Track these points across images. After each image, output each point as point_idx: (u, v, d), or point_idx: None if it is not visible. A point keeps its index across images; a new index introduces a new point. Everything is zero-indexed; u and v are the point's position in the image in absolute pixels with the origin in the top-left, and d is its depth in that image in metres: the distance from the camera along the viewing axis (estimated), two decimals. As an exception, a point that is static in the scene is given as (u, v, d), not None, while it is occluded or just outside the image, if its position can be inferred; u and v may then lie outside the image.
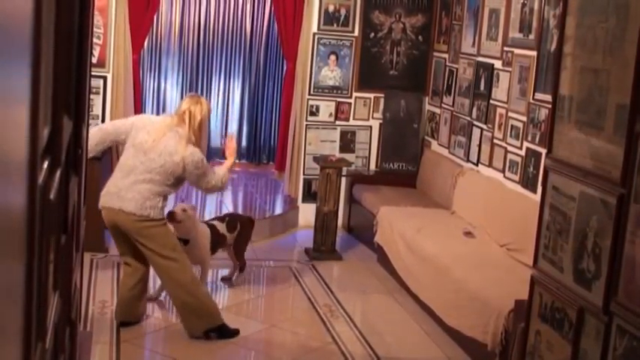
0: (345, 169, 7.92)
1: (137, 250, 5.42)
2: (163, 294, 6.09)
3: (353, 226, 8.45)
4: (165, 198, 5.34)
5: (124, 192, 5.26)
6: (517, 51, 6.73)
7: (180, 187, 5.60)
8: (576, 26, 3.49)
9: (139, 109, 8.60)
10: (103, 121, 8.09)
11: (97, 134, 5.46)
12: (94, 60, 7.75)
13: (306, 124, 8.60)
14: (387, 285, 6.75)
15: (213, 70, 10.65)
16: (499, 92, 7.02)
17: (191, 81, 10.53)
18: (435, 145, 8.47)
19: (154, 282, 6.15)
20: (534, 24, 6.43)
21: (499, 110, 6.98)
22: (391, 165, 8.65)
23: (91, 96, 6.41)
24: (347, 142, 8.71)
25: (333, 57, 8.55)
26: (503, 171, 6.84)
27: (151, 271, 5.63)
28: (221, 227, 6.28)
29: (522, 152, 6.52)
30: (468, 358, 5.53)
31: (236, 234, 6.39)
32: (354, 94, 8.67)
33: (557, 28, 5.23)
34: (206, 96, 10.61)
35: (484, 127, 7.27)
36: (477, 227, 6.86)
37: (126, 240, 5.43)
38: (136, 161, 5.31)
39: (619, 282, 3.04)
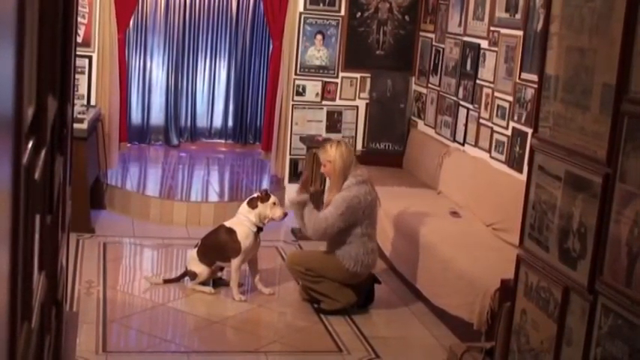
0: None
1: None
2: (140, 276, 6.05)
3: (339, 206, 8.45)
4: None
5: None
6: (503, 31, 6.73)
7: None
8: (562, 5, 3.48)
9: (124, 88, 8.56)
10: (88, 100, 8.06)
11: None
12: (79, 39, 7.70)
13: (293, 104, 8.58)
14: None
15: (199, 49, 10.60)
16: (485, 72, 7.02)
17: (177, 60, 10.47)
18: (421, 125, 8.47)
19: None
20: (520, 3, 6.43)
21: (485, 90, 6.99)
22: (378, 145, 8.65)
23: (77, 75, 6.38)
24: (333, 122, 8.69)
25: (319, 36, 8.52)
26: (489, 151, 6.85)
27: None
28: None
29: (508, 132, 6.53)
30: (453, 337, 5.55)
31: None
32: (341, 74, 8.65)
33: (544, 7, 5.23)
34: (192, 75, 10.58)
35: (470, 106, 7.27)
36: (464, 207, 6.88)
37: None
38: None
39: (604, 261, 3.05)
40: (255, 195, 6.24)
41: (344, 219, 5.73)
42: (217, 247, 6.07)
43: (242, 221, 6.09)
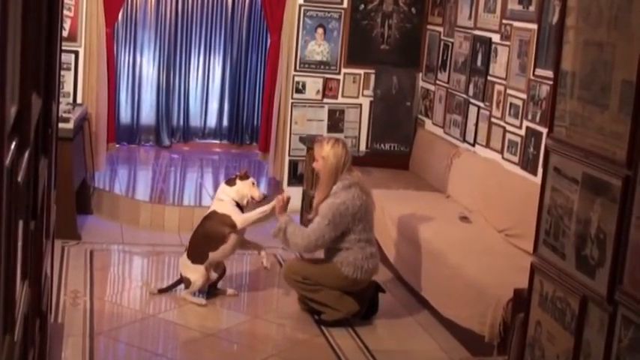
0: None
1: None
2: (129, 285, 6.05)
3: (342, 210, 8.45)
4: None
5: None
6: (516, 24, 6.73)
7: None
8: (579, -3, 3.49)
9: (112, 86, 8.57)
10: (74, 99, 8.07)
11: None
12: (65, 34, 7.71)
13: (292, 102, 8.58)
14: (378, 272, 6.77)
15: (193, 44, 10.61)
16: (497, 68, 7.02)
17: (169, 56, 10.48)
18: (429, 124, 8.47)
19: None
20: (535, -5, 6.44)
21: (497, 87, 6.99)
22: (382, 145, 8.65)
23: (62, 72, 6.38)
24: (335, 121, 8.70)
25: (320, 30, 8.53)
26: (501, 152, 6.85)
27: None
28: None
29: (522, 132, 6.53)
30: (463, 350, 5.55)
31: None
32: (343, 70, 8.66)
33: (559, -1, 5.23)
34: (185, 72, 10.58)
35: (481, 105, 7.27)
36: (474, 211, 6.87)
37: None
38: None
39: (624, 269, 3.04)
40: (233, 175, 6.33)
41: (333, 227, 5.74)
42: (205, 235, 6.09)
43: (220, 199, 6.17)
